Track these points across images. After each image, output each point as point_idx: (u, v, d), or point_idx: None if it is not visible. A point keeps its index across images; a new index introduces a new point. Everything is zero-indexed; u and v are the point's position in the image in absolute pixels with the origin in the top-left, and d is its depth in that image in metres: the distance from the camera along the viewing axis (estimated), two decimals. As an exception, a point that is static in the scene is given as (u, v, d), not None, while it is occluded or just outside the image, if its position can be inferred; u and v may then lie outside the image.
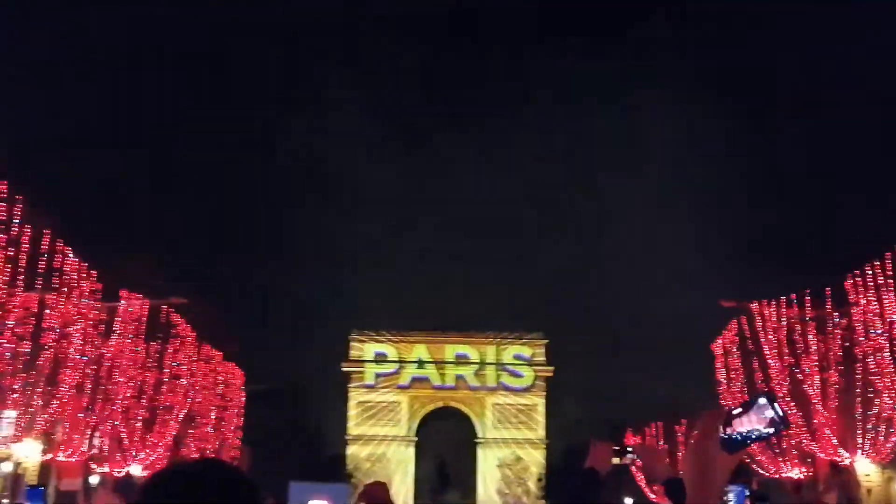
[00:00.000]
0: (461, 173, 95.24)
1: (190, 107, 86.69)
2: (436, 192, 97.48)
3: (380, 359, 73.81)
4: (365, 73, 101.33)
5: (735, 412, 2.45)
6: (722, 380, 39.52)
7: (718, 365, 39.83)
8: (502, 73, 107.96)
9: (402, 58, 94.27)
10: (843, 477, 33.97)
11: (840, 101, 79.93)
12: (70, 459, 31.68)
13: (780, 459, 36.97)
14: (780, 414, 2.38)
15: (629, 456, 6.91)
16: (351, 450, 71.79)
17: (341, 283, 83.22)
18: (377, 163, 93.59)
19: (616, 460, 7.11)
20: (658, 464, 7.08)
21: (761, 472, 37.89)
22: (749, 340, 37.48)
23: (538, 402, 73.69)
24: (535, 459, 71.53)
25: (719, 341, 40.05)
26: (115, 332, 34.06)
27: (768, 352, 35.91)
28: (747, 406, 2.46)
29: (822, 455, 34.73)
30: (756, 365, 36.91)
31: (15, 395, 27.42)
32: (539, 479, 70.33)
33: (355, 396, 73.20)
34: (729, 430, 2.41)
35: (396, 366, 73.47)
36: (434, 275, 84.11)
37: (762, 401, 2.43)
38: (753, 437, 2.41)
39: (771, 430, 2.42)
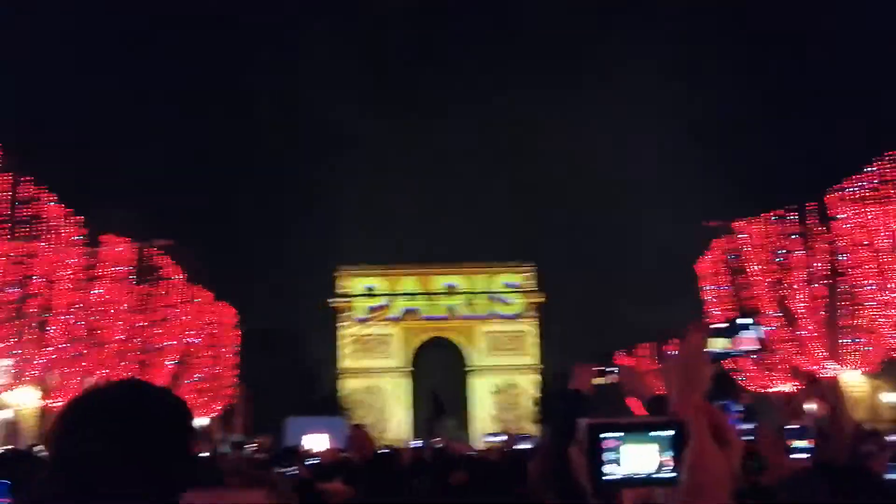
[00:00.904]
0: (446, 101, 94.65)
1: (173, 44, 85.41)
2: (420, 122, 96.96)
3: (368, 292, 74.08)
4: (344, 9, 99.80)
5: (720, 326, 2.50)
6: (709, 300, 39.87)
7: (704, 285, 40.15)
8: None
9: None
10: (822, 387, 34.54)
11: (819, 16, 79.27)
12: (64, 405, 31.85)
13: (769, 374, 37.56)
14: (761, 337, 2.43)
15: (612, 375, 7.02)
16: (345, 383, 72.51)
17: (326, 218, 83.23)
18: (359, 96, 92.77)
19: (600, 380, 7.22)
20: (639, 383, 7.21)
21: (750, 388, 38.53)
22: (734, 259, 37.75)
23: (530, 329, 74.32)
24: (529, 385, 72.43)
25: (704, 261, 40.32)
26: (101, 276, 34.04)
27: (755, 269, 36.21)
28: (731, 322, 2.51)
29: (810, 368, 35.29)
30: (742, 282, 37.23)
31: (7, 344, 27.48)
32: (535, 404, 71.25)
33: (346, 330, 73.63)
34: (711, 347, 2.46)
35: (386, 299, 73.77)
36: (420, 205, 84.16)
37: (745, 320, 2.48)
38: (733, 353, 2.46)
39: (751, 348, 2.46)
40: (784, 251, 34.93)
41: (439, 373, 74.11)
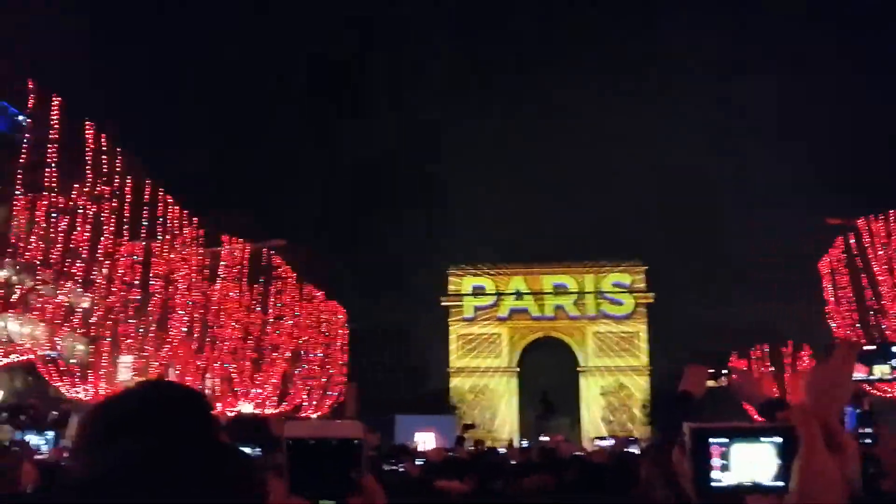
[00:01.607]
0: (553, 101, 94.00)
1: (285, 56, 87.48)
2: (528, 123, 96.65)
3: (478, 292, 74.20)
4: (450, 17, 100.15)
5: (868, 349, 2.38)
6: (830, 300, 38.40)
7: (825, 284, 38.68)
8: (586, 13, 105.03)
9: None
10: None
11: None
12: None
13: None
14: None
15: (725, 378, 6.74)
16: (454, 383, 72.82)
17: (437, 219, 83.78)
18: (468, 96, 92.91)
19: (712, 383, 6.95)
20: (755, 386, 6.93)
21: (874, 392, 36.92)
22: (857, 258, 36.24)
23: (640, 329, 73.06)
24: (639, 386, 71.25)
25: (825, 260, 38.84)
26: (219, 276, 35.12)
27: (878, 268, 34.69)
28: (882, 347, 2.38)
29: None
30: (865, 283, 35.72)
31: (129, 341, 28.60)
32: (644, 406, 70.11)
33: (456, 330, 73.94)
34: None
35: (494, 298, 73.76)
36: (529, 205, 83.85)
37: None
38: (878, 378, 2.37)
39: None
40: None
41: (547, 373, 73.64)
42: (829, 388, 2.27)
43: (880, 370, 5.33)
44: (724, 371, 6.88)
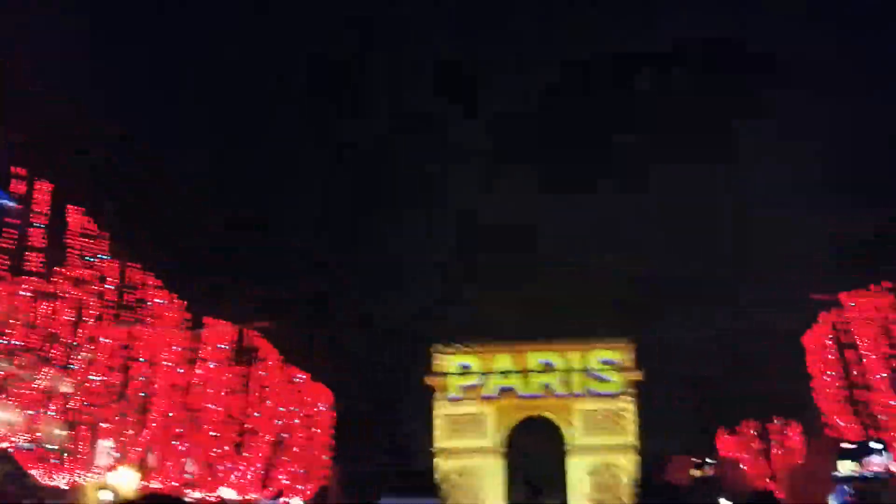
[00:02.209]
0: (540, 176, 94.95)
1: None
2: (511, 204, 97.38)
3: (463, 371, 73.62)
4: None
5: (847, 447, 2.32)
6: (816, 374, 38.31)
7: (811, 359, 38.62)
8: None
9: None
10: None
11: None
12: (163, 486, 32.31)
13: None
14: (891, 462, 2.25)
15: (710, 468, 6.63)
16: (439, 463, 71.70)
17: (421, 298, 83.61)
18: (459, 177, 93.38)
19: (697, 472, 6.80)
20: (739, 476, 6.84)
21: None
22: (843, 333, 36.27)
23: (628, 407, 72.36)
24: (626, 465, 70.31)
25: (810, 335, 38.86)
26: (202, 359, 34.77)
27: (863, 343, 34.70)
28: (860, 446, 2.32)
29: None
30: (851, 357, 35.69)
31: (109, 425, 28.11)
32: (635, 485, 69.15)
33: (440, 409, 73.07)
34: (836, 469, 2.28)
35: (480, 377, 73.16)
36: (513, 284, 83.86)
37: (876, 445, 2.30)
38: (859, 477, 2.27)
39: (880, 473, 2.28)
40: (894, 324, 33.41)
41: (535, 453, 72.70)
42: (808, 485, 2.18)
43: (850, 466, 5.23)
44: (708, 461, 6.76)
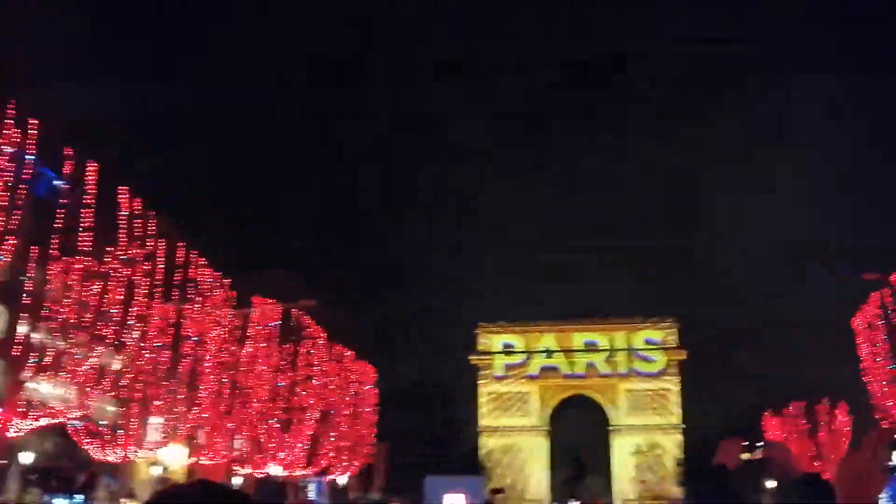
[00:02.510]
0: (585, 161, 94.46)
1: (314, 116, 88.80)
2: (558, 182, 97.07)
3: (508, 350, 73.71)
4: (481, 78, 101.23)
5: None
6: (865, 356, 37.73)
7: (860, 341, 38.04)
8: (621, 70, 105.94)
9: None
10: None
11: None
12: (213, 462, 32.89)
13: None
14: None
15: (759, 451, 6.63)
16: (483, 441, 72.03)
17: (468, 276, 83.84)
18: (502, 157, 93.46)
19: (746, 455, 6.81)
20: (789, 458, 6.82)
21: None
22: (893, 314, 35.65)
23: (672, 387, 72.05)
24: (671, 446, 70.04)
25: (860, 316, 38.25)
26: (249, 337, 35.22)
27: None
28: None
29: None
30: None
31: (159, 402, 28.64)
32: (678, 465, 68.76)
33: (485, 388, 73.33)
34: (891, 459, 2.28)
35: (525, 356, 73.21)
36: (559, 263, 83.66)
37: None
38: None
39: None
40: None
41: (579, 432, 72.66)
42: (861, 478, 2.20)
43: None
44: (758, 444, 6.74)
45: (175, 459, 31.78)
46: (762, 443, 47.94)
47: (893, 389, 35.67)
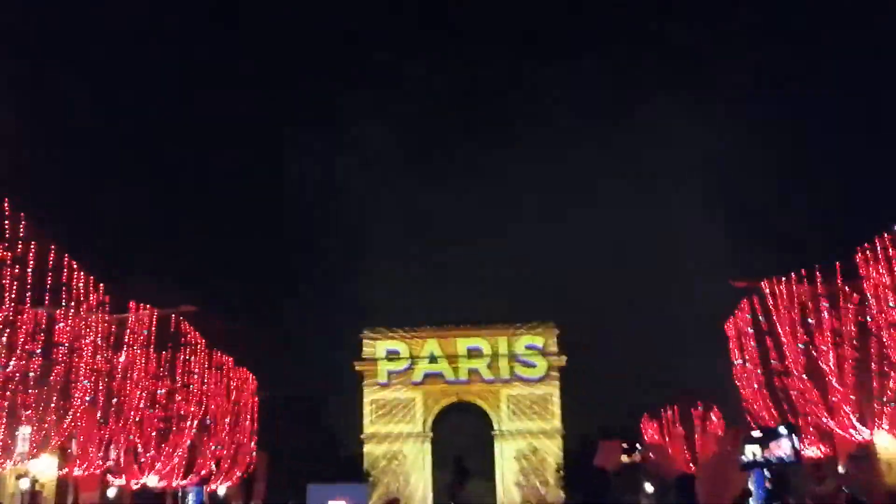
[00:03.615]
0: (465, 168, 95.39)
1: (199, 117, 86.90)
2: (441, 191, 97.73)
3: (392, 356, 73.66)
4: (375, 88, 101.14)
5: (755, 434, 2.32)
6: (736, 361, 39.20)
7: (732, 345, 39.52)
8: (506, 85, 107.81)
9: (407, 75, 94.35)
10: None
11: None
12: (86, 473, 31.62)
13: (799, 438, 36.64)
14: (796, 448, 2.26)
15: (638, 453, 6.77)
16: (367, 448, 71.79)
17: (350, 282, 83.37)
18: (383, 165, 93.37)
19: (625, 458, 6.95)
20: (668, 461, 6.98)
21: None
22: (762, 319, 37.11)
23: (553, 391, 73.48)
24: (553, 449, 71.35)
25: (731, 322, 39.73)
26: (125, 343, 34.01)
27: (782, 330, 35.56)
28: (767, 432, 2.33)
29: (840, 432, 34.43)
30: (770, 343, 36.58)
31: (28, 412, 27.34)
32: (557, 470, 70.13)
33: (369, 395, 73.13)
34: (744, 454, 2.29)
35: (409, 362, 73.31)
36: (441, 269, 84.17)
37: (782, 430, 2.30)
38: (765, 461, 2.28)
39: (786, 457, 2.29)
40: (812, 310, 34.30)
41: (463, 438, 73.23)
42: (720, 475, 2.21)
43: (756, 451, 5.33)
44: (637, 446, 6.88)
45: (46, 471, 30.39)
46: (643, 446, 49.18)
47: (762, 393, 37.18)
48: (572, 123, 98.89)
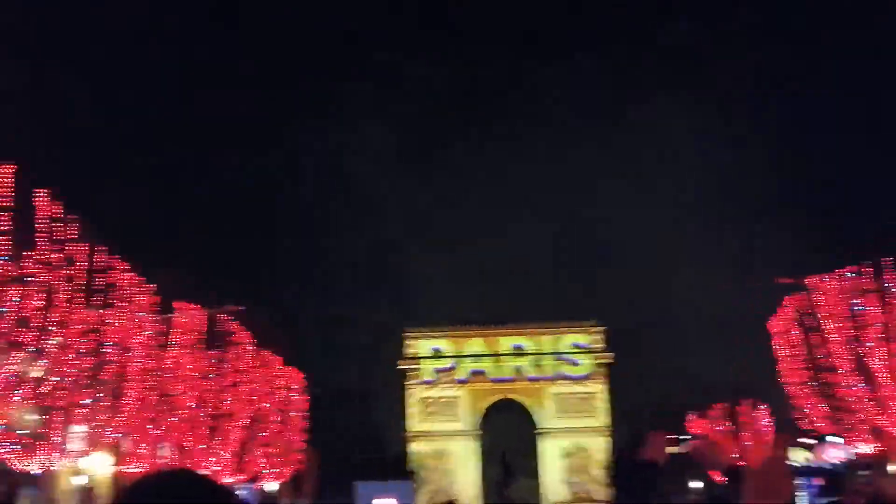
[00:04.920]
0: (512, 162, 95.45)
1: (232, 117, 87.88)
2: (486, 187, 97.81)
3: (436, 354, 73.89)
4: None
5: (805, 441, 2.45)
6: (781, 358, 38.83)
7: (776, 343, 39.15)
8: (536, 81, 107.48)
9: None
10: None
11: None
12: (138, 470, 32.27)
13: (849, 435, 36.21)
14: (850, 455, 2.39)
15: (686, 444, 6.87)
16: (414, 447, 72.07)
17: (395, 280, 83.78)
18: (422, 164, 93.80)
19: (674, 449, 7.05)
20: (715, 451, 7.06)
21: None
22: (808, 316, 36.77)
23: (598, 389, 73.13)
24: (599, 447, 71.02)
25: (776, 319, 39.36)
26: (173, 343, 34.65)
27: (830, 326, 35.19)
28: (818, 439, 2.46)
29: (891, 429, 33.96)
30: (817, 340, 36.22)
31: (82, 410, 28.00)
32: (604, 467, 69.82)
33: (415, 393, 73.41)
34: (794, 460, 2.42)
35: (453, 360, 73.48)
36: (487, 267, 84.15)
37: (835, 438, 2.43)
38: (815, 468, 2.42)
39: (838, 464, 2.42)
40: (860, 308, 33.90)
41: (508, 435, 73.22)
42: (771, 481, 2.34)
43: (805, 456, 5.44)
44: (684, 437, 6.97)
45: (99, 468, 31.10)
46: (688, 437, 48.94)
47: (808, 390, 36.81)
48: (587, 121, 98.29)
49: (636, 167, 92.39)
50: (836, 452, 29.69)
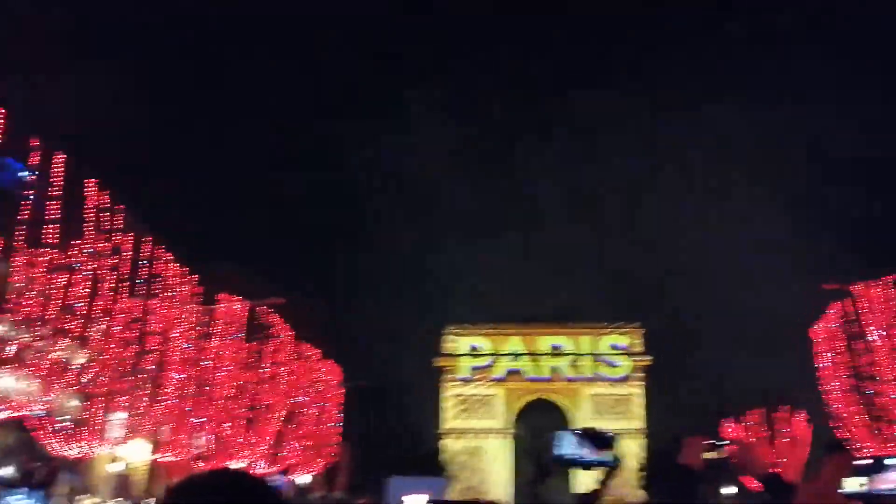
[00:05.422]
0: (552, 165, 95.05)
1: (279, 115, 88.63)
2: (526, 185, 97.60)
3: (474, 352, 73.86)
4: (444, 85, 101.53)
5: (860, 464, 2.42)
6: (822, 365, 38.28)
7: (819, 350, 38.60)
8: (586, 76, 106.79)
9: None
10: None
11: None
12: (175, 459, 32.67)
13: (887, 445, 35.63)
14: None
15: (723, 449, 6.82)
16: (447, 443, 72.12)
17: (435, 277, 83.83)
18: (465, 160, 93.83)
19: (711, 454, 7.01)
20: (752, 457, 6.98)
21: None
22: (853, 323, 36.22)
23: (636, 391, 72.68)
24: (634, 450, 70.49)
25: (819, 325, 38.81)
26: (214, 334, 35.03)
27: (875, 334, 34.64)
28: (874, 463, 2.43)
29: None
30: (860, 347, 35.69)
31: (123, 398, 28.42)
32: (640, 470, 69.26)
33: (450, 390, 73.44)
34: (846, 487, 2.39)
35: (491, 359, 73.41)
36: (527, 266, 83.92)
37: (890, 461, 2.40)
38: (873, 493, 2.38)
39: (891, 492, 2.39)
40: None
41: (543, 435, 72.92)
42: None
43: (860, 482, 5.34)
44: (721, 442, 6.91)
45: (137, 456, 31.53)
46: (725, 441, 48.42)
47: (850, 398, 36.26)
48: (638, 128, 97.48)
49: (684, 171, 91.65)
50: (891, 476, 28.98)
